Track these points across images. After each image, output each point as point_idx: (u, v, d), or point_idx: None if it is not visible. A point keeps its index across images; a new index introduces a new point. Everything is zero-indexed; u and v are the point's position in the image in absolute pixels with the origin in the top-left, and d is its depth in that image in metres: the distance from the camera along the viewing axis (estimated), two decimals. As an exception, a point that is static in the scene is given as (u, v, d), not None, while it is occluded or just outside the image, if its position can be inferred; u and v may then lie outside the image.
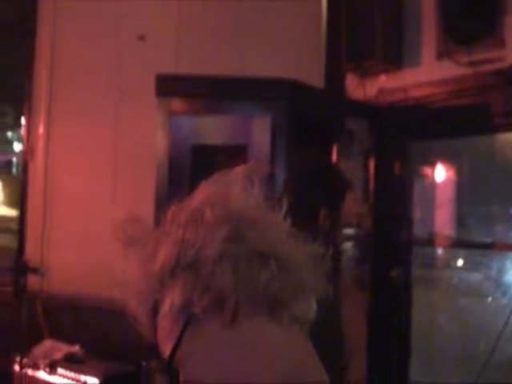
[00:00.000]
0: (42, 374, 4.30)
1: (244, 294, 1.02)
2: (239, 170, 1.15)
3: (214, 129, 3.55)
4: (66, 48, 5.04)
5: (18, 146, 6.16)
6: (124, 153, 4.59)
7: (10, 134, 6.27)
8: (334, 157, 3.71)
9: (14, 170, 6.28)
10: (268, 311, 1.04)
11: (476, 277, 4.39)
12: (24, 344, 4.24)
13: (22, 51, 5.29)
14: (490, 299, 4.19)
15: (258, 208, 1.10)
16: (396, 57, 4.13)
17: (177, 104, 3.63)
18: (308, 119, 3.63)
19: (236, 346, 1.02)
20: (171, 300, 1.04)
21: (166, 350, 1.06)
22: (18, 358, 4.24)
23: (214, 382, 1.01)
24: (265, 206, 1.11)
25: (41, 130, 5.16)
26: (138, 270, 1.08)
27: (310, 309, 1.10)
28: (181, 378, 1.05)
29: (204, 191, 1.12)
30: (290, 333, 1.06)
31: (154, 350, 1.11)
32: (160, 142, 3.64)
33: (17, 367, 4.25)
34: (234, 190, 1.11)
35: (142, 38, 4.54)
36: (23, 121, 5.35)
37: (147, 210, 2.13)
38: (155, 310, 1.07)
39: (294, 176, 2.47)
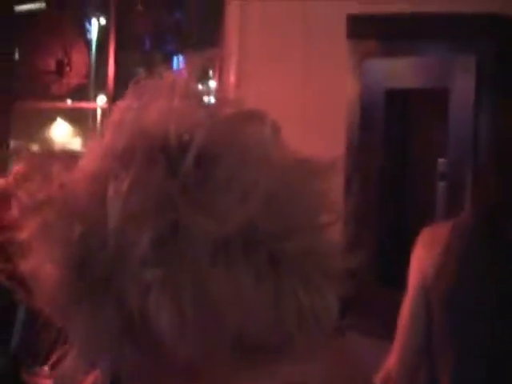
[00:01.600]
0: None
1: (206, 336, 0.59)
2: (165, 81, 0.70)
3: (409, 71, 3.34)
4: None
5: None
6: (312, 99, 4.47)
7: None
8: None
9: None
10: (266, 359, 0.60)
11: None
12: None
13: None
14: None
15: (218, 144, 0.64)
16: None
17: (369, 46, 3.45)
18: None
19: None
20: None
21: None
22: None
23: None
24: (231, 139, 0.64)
25: (231, 79, 5.16)
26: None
27: (332, 310, 0.65)
28: None
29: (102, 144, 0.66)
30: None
31: None
32: (351, 87, 3.54)
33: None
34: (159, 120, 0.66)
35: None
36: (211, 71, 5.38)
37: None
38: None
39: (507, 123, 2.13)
